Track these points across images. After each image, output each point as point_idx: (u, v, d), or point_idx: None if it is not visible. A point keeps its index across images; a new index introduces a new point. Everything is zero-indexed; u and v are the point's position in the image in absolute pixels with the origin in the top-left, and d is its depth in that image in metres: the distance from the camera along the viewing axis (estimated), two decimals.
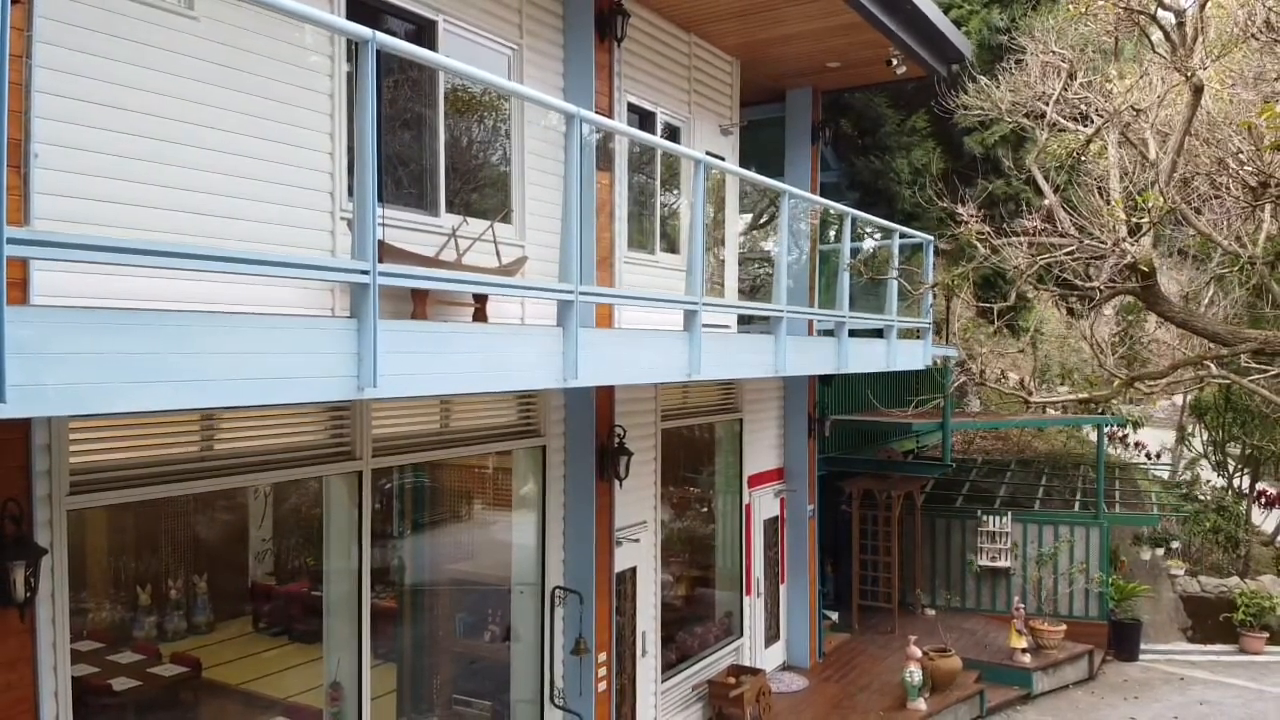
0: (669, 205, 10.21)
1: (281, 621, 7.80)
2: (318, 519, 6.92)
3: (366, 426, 6.65)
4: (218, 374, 3.62)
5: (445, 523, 8.68)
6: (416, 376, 4.51)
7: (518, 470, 8.57)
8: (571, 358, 5.48)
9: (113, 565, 6.69)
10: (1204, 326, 7.09)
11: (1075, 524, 14.62)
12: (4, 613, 4.45)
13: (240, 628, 7.69)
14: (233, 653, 7.50)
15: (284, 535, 7.80)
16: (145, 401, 3.41)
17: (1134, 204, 6.12)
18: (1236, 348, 6.84)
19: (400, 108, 6.88)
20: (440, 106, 6.97)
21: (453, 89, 7.26)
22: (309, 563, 7.53)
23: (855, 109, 13.97)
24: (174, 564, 7.12)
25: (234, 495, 7.41)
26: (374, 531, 6.93)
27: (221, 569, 7.54)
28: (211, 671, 7.13)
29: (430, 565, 8.45)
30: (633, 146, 9.07)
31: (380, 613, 7.46)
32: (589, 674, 8.39)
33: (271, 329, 3.85)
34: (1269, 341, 6.85)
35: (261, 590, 7.89)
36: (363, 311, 4.17)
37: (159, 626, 6.87)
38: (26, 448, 4.62)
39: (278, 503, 7.63)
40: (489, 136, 8.11)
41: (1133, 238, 6.10)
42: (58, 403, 3.16)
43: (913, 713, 11.11)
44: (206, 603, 7.17)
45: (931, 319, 11.66)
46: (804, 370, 8.65)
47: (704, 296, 6.75)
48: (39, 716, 4.70)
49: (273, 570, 7.94)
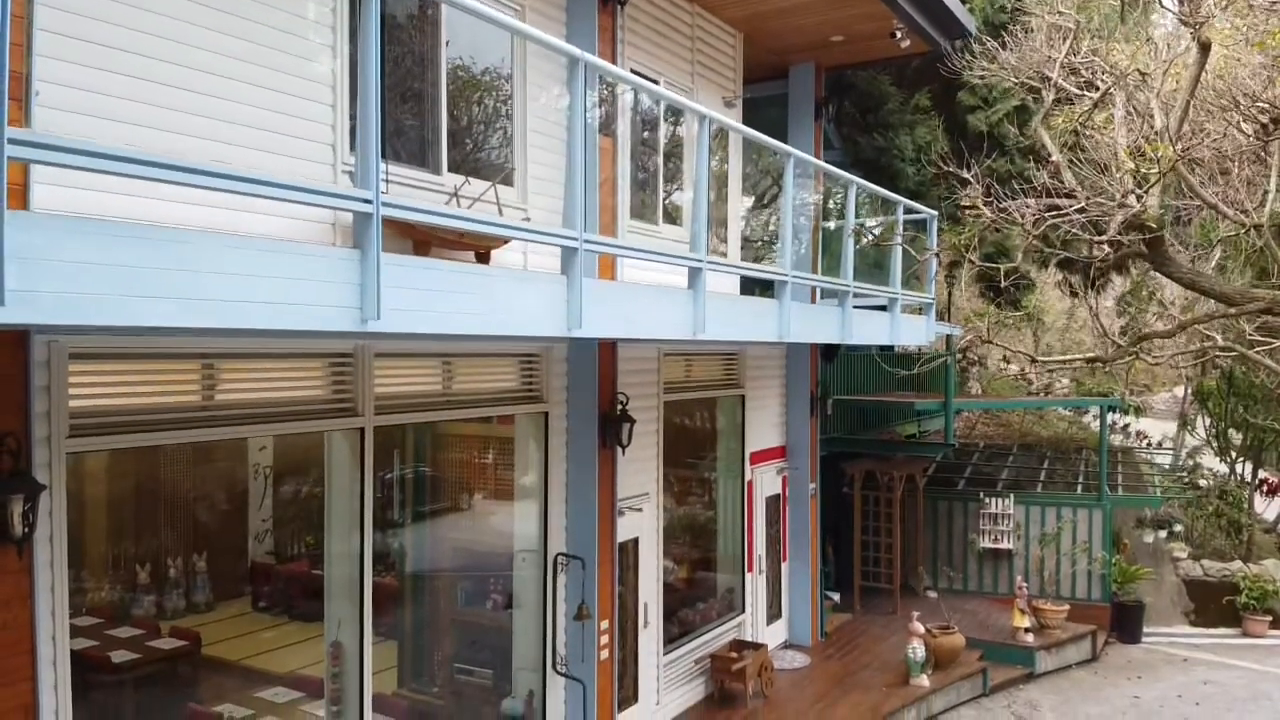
0: (672, 177, 10.15)
1: (284, 595, 7.78)
2: (320, 478, 6.86)
3: (369, 383, 6.60)
4: (219, 295, 3.57)
5: (447, 490, 8.64)
6: (420, 314, 4.46)
7: (520, 436, 8.53)
8: (576, 307, 5.43)
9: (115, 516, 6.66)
10: (1211, 286, 7.05)
11: (1078, 506, 14.57)
12: (2, 550, 4.40)
13: (242, 606, 7.70)
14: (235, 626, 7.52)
15: (285, 506, 7.78)
16: (145, 317, 3.35)
17: (1142, 154, 6.07)
18: (1245, 307, 6.79)
19: (402, 63, 6.82)
20: (442, 62, 6.92)
21: (456, 64, 7.21)
22: (308, 542, 7.51)
23: (858, 88, 13.93)
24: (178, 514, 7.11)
25: (236, 450, 7.39)
26: (376, 497, 6.87)
27: (221, 549, 7.54)
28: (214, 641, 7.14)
29: (431, 532, 8.41)
30: (635, 117, 9.03)
31: (382, 576, 7.43)
32: (591, 641, 8.34)
33: (275, 253, 3.80)
34: (1276, 301, 6.80)
35: (261, 569, 7.87)
36: (366, 242, 4.12)
37: (159, 598, 6.87)
38: (25, 385, 4.57)
39: (279, 466, 7.61)
40: (491, 100, 8.06)
41: (1141, 189, 6.05)
42: (55, 311, 3.11)
43: (916, 688, 11.06)
44: (207, 573, 7.18)
45: (935, 295, 11.62)
46: (808, 337, 8.60)
47: (708, 256, 6.71)
48: (36, 659, 4.65)
49: (274, 550, 7.93)
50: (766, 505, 12.23)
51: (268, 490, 7.96)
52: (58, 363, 4.82)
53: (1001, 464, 16.66)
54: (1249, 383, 17.40)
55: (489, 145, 7.79)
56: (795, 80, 12.41)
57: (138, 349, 5.20)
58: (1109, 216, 6.36)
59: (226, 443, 7.54)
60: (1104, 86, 7.90)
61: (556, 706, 8.37)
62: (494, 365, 7.95)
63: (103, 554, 6.49)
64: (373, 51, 3.98)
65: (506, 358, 8.06)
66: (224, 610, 7.51)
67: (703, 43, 10.41)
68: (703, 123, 6.61)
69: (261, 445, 7.97)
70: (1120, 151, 6.39)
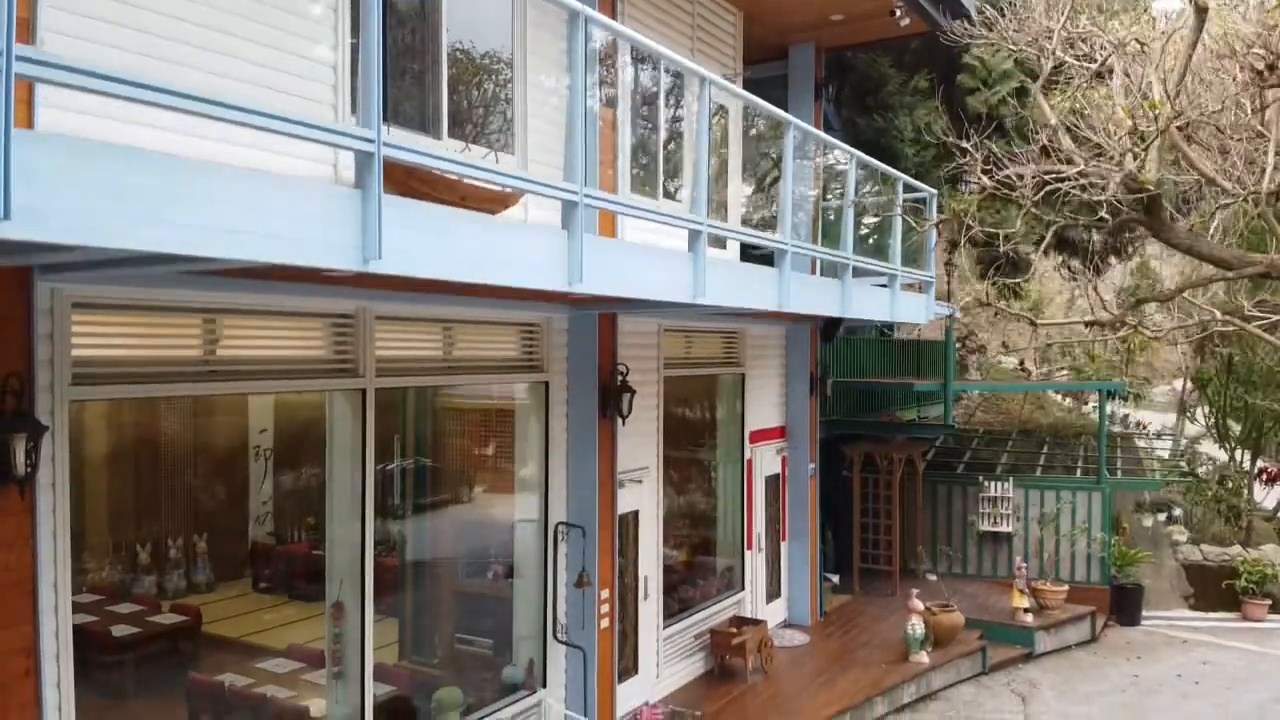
0: (670, 158, 10.17)
1: (285, 576, 7.82)
2: (321, 460, 6.86)
3: (370, 344, 6.62)
4: (222, 224, 3.58)
5: (448, 460, 8.67)
6: (421, 258, 4.47)
7: (520, 406, 8.55)
8: (577, 261, 5.44)
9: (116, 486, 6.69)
10: (1210, 251, 7.07)
11: (1077, 489, 14.58)
12: (4, 491, 4.42)
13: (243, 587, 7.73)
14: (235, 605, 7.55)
15: (285, 488, 7.81)
16: (148, 241, 3.37)
17: (1141, 111, 6.10)
18: (1242, 271, 6.82)
19: (404, 23, 6.84)
20: (443, 26, 6.93)
21: (456, 41, 7.23)
22: (309, 524, 7.53)
23: (858, 69, 13.96)
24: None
25: (238, 431, 7.44)
26: (377, 468, 6.88)
27: (222, 531, 7.58)
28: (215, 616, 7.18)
29: (432, 502, 8.43)
30: (635, 95, 9.03)
31: (382, 555, 7.44)
32: (591, 609, 8.36)
33: (278, 186, 3.82)
34: (1274, 264, 6.82)
35: (262, 550, 7.89)
36: (367, 182, 4.14)
37: (160, 578, 6.91)
38: (28, 328, 4.60)
39: (279, 448, 7.65)
40: (492, 76, 8.08)
41: (1141, 145, 6.07)
42: (60, 230, 3.13)
43: (915, 665, 11.09)
44: (207, 554, 7.23)
45: (934, 274, 11.64)
46: (808, 307, 8.61)
47: (709, 219, 6.73)
48: (37, 603, 4.68)
49: (274, 532, 7.96)
50: (766, 485, 12.26)
51: (268, 472, 8.01)
52: (60, 310, 4.85)
53: (1001, 449, 16.68)
54: (1248, 368, 17.43)
55: (490, 106, 7.81)
56: (795, 61, 12.44)
57: (140, 300, 5.23)
58: (1108, 178, 6.38)
59: (229, 423, 7.63)
60: (1103, 57, 7.93)
61: (557, 675, 8.40)
62: (494, 334, 7.98)
63: (104, 527, 6.53)
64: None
65: (507, 327, 8.08)
66: (225, 590, 7.56)
67: (703, 19, 10.43)
68: (703, 84, 6.63)
69: (262, 428, 8.03)
70: (1119, 109, 6.41)
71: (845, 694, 10.15)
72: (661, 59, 6.49)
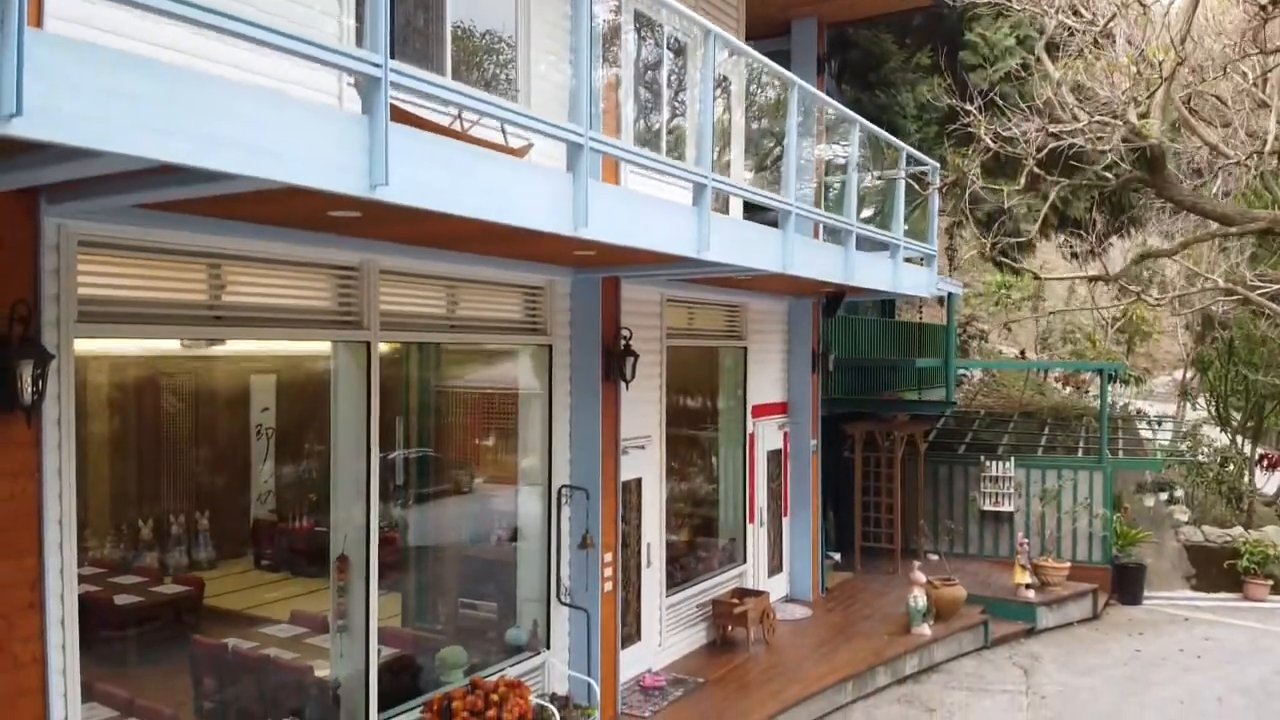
0: (674, 129, 10.16)
1: (287, 553, 7.79)
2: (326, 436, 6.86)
3: (374, 297, 6.62)
4: (231, 138, 3.58)
5: (450, 423, 8.67)
6: (427, 189, 4.47)
7: (523, 370, 8.56)
8: (581, 204, 5.45)
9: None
10: (1212, 208, 7.08)
11: (1079, 468, 14.59)
12: (10, 419, 4.42)
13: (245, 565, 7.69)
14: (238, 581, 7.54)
15: (288, 466, 7.81)
16: (157, 150, 3.37)
17: (1144, 58, 6.10)
18: (1245, 226, 6.82)
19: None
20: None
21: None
22: (312, 500, 7.52)
23: (860, 46, 13.96)
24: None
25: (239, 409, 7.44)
26: (381, 419, 6.87)
27: (224, 509, 7.57)
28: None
29: (435, 463, 8.42)
30: (639, 57, 9.02)
31: (387, 500, 7.45)
32: (595, 572, 8.36)
33: (286, 106, 3.82)
34: (1276, 220, 6.83)
35: (264, 528, 7.86)
36: (374, 108, 4.14)
37: (161, 555, 6.89)
38: (35, 257, 4.60)
39: (282, 425, 7.65)
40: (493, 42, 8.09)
41: (1146, 92, 6.07)
42: (71, 130, 3.13)
43: (917, 637, 11.09)
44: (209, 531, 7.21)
45: (936, 246, 11.64)
46: (811, 272, 8.58)
47: (713, 173, 6.73)
48: (42, 538, 4.67)
49: (276, 509, 7.91)
50: (768, 459, 12.26)
51: (270, 452, 8.01)
52: (67, 247, 4.85)
53: (1002, 430, 16.68)
54: (1249, 349, 17.42)
55: (495, 65, 7.81)
56: (797, 36, 12.44)
57: (146, 241, 5.22)
58: (1111, 132, 6.38)
59: (231, 401, 7.63)
60: (1105, 19, 7.93)
61: (561, 637, 8.40)
62: (498, 295, 7.97)
63: (105, 506, 6.52)
64: None
65: (510, 289, 8.08)
66: (227, 568, 7.55)
67: None
68: (708, 37, 6.63)
69: (264, 406, 8.03)
70: (1123, 57, 6.41)
71: (847, 663, 10.15)
72: (664, 5, 6.48)
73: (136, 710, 5.98)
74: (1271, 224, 6.91)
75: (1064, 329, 23.31)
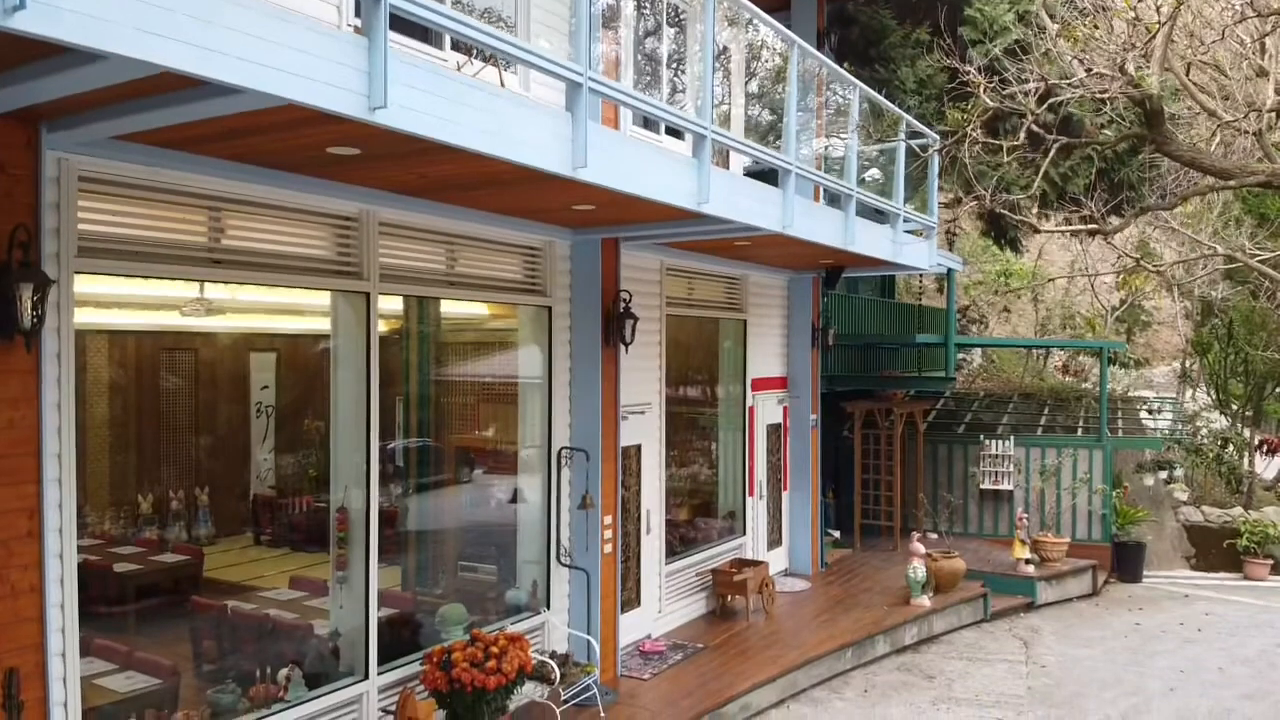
0: (672, 94, 10.16)
1: (287, 529, 7.80)
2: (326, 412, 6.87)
3: (373, 248, 6.62)
4: (230, 50, 3.59)
5: (451, 382, 8.66)
6: (427, 117, 4.47)
7: (523, 332, 8.56)
8: (581, 144, 5.44)
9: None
10: (1211, 163, 7.07)
11: (1078, 447, 14.59)
12: (10, 346, 4.42)
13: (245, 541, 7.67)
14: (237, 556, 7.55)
15: (288, 440, 7.82)
16: (157, 54, 3.37)
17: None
18: (1244, 180, 6.82)
19: None
20: None
21: None
22: (311, 476, 7.52)
23: (860, 21, 13.97)
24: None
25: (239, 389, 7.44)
26: (382, 374, 6.87)
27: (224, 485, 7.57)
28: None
29: (435, 421, 8.42)
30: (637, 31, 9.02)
31: (387, 456, 7.45)
32: (595, 534, 8.36)
33: (291, 21, 3.82)
34: (1275, 174, 6.83)
35: (264, 503, 7.88)
36: (374, 29, 4.14)
37: (161, 531, 6.89)
38: (35, 186, 4.60)
39: (283, 403, 7.66)
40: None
41: (1147, 35, 6.06)
42: (72, 29, 3.13)
43: (916, 608, 11.08)
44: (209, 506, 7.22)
45: (936, 219, 11.64)
46: (811, 234, 8.58)
47: (714, 125, 6.73)
48: (41, 466, 4.67)
49: (275, 485, 7.91)
50: (767, 433, 12.26)
51: (269, 428, 8.01)
52: (67, 181, 4.85)
53: (1001, 410, 16.67)
54: (1248, 328, 17.40)
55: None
56: (797, 10, 12.42)
57: (146, 180, 5.22)
58: (1111, 81, 6.38)
59: (231, 377, 7.65)
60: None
61: (560, 598, 8.40)
62: (497, 254, 7.97)
63: (104, 481, 6.53)
64: None
65: (509, 249, 8.08)
66: (227, 544, 7.56)
67: None
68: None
69: (264, 385, 8.03)
70: (1120, 2, 6.42)
71: (847, 631, 10.15)
72: None
73: (134, 660, 5.99)
74: (1271, 177, 6.91)
75: (1063, 315, 23.31)
